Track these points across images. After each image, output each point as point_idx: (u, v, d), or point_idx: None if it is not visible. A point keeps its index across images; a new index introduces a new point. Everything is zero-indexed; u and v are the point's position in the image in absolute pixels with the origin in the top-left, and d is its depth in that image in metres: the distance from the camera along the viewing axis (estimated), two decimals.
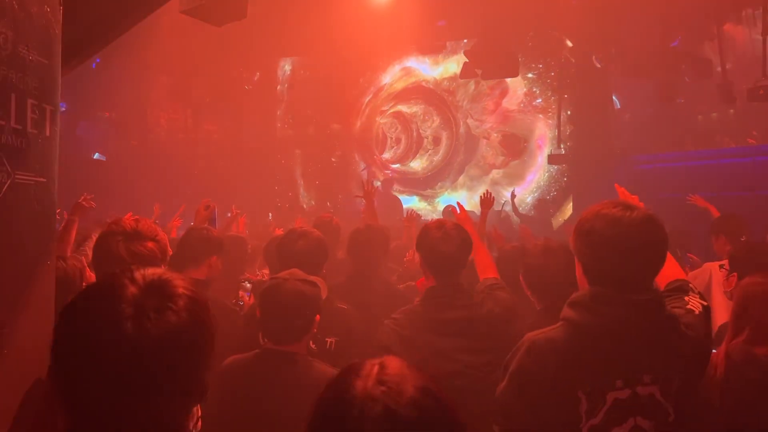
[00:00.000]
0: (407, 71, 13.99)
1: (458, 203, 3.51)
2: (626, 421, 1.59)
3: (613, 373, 1.61)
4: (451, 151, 14.02)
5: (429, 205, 13.14)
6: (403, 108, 14.29)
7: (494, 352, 2.32)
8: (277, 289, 2.19)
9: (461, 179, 13.63)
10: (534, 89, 12.42)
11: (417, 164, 14.29)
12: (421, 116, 14.18)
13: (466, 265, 2.61)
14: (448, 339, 2.37)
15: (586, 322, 1.67)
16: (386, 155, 14.36)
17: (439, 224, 2.61)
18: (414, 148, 14.23)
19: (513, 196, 10.55)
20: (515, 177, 13.10)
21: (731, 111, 10.41)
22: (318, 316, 2.21)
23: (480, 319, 2.45)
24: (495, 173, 13.41)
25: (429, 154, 14.21)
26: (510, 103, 13.37)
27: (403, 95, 14.18)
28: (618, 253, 1.65)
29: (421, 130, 14.22)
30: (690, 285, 1.88)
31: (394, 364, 0.93)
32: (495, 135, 13.50)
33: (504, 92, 13.15)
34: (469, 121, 13.80)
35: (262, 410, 2.05)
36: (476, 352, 2.38)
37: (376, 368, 0.92)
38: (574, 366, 1.62)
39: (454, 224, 2.63)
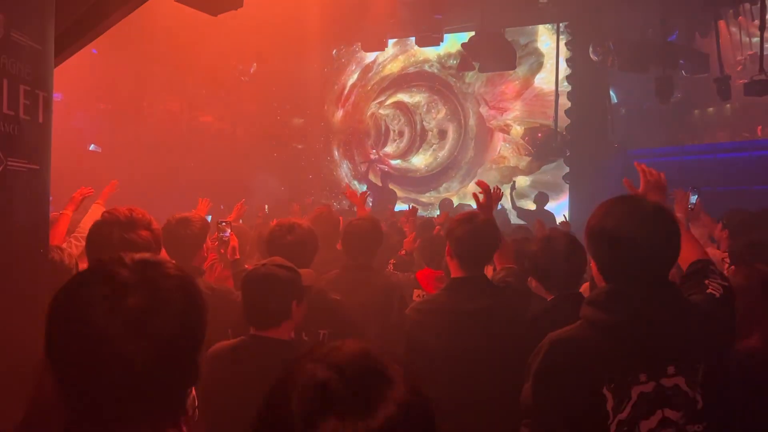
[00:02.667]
0: (402, 46, 12.04)
1: (481, 182, 3.13)
2: (654, 414, 1.59)
3: (636, 367, 1.61)
4: (459, 147, 11.95)
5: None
6: (404, 97, 12.48)
7: (513, 339, 2.40)
8: (252, 274, 2.23)
9: (472, 185, 11.16)
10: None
11: (419, 160, 12.45)
12: (425, 107, 12.36)
13: (492, 257, 2.73)
14: (469, 327, 2.46)
15: (604, 320, 1.67)
16: (388, 149, 12.74)
17: (470, 217, 2.67)
18: (418, 142, 12.48)
19: (513, 188, 10.43)
20: (550, 186, 10.54)
21: (728, 106, 10.42)
22: (295, 302, 2.20)
23: (500, 307, 2.53)
24: (521, 180, 10.81)
25: (434, 150, 12.30)
26: (546, 81, 10.69)
27: (403, 81, 12.40)
28: (630, 249, 1.64)
29: (425, 123, 12.42)
30: (711, 266, 1.86)
31: (349, 345, 0.84)
32: (517, 128, 11.06)
33: (537, 67, 10.69)
34: (483, 109, 11.49)
35: (241, 395, 2.06)
36: (496, 339, 2.46)
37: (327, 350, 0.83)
38: (596, 364, 1.62)
39: (484, 218, 2.69)
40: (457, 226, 2.62)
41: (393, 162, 12.78)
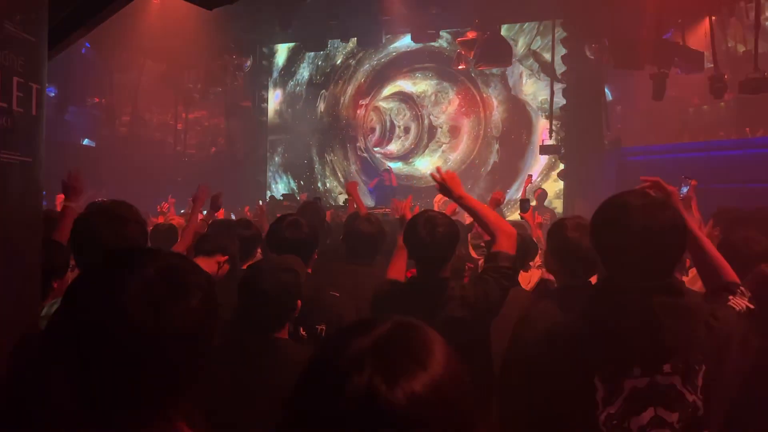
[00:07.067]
0: None
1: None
2: (645, 411, 1.56)
3: (630, 360, 1.58)
4: (477, 149, 9.30)
5: None
6: (405, 85, 10.27)
7: (473, 358, 2.29)
8: (256, 280, 2.15)
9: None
10: None
11: (424, 163, 10.08)
12: (432, 98, 10.16)
13: (451, 258, 2.59)
14: None
15: (602, 310, 1.67)
16: (392, 147, 10.87)
17: (427, 217, 2.54)
18: (425, 140, 10.36)
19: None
20: None
21: (722, 104, 10.46)
22: (299, 302, 2.19)
23: (454, 321, 2.36)
24: None
25: (443, 151, 10.07)
26: None
27: (403, 62, 10.34)
28: (628, 239, 1.62)
29: (432, 117, 10.20)
30: (740, 288, 1.83)
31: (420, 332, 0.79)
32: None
33: None
34: (526, 86, 8.49)
35: (244, 395, 2.04)
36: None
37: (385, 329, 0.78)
38: (590, 353, 1.61)
39: (442, 217, 2.57)
40: (414, 227, 2.53)
41: (392, 165, 10.88)
